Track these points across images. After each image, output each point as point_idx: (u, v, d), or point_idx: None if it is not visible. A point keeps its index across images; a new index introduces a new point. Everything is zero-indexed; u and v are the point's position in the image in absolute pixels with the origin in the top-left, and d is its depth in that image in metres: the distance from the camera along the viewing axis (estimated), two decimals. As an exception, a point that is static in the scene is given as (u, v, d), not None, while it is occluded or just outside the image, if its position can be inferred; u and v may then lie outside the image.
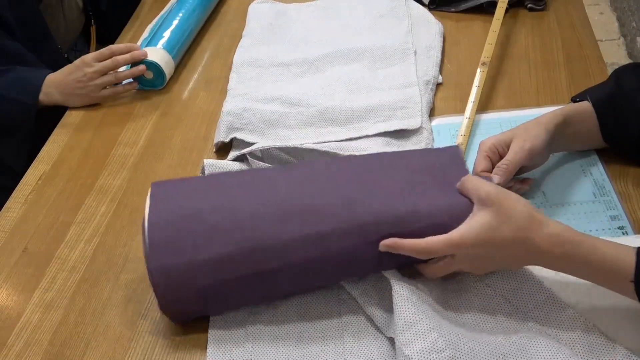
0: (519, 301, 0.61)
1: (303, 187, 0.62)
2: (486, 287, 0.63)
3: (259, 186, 0.63)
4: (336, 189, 0.62)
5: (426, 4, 1.09)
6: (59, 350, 0.65)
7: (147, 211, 0.61)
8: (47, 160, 0.88)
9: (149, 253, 0.59)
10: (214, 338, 0.63)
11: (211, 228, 0.59)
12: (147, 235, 0.59)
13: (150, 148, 0.89)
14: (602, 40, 1.07)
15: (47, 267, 0.73)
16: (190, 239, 0.59)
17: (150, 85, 0.99)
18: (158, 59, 0.96)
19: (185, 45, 1.05)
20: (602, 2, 1.24)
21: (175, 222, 0.60)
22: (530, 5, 1.06)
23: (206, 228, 0.59)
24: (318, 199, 0.61)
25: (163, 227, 0.60)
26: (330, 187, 0.62)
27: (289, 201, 0.61)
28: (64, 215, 0.80)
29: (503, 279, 0.62)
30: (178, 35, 1.02)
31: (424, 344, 0.54)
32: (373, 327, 0.62)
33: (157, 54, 0.97)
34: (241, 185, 0.64)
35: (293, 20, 1.10)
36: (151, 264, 0.59)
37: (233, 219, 0.60)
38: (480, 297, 0.62)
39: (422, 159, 0.67)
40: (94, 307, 0.68)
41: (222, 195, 0.62)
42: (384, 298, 0.62)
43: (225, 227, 0.59)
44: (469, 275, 0.63)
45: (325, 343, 0.62)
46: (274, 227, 0.59)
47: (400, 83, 0.91)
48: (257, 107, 0.88)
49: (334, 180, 0.63)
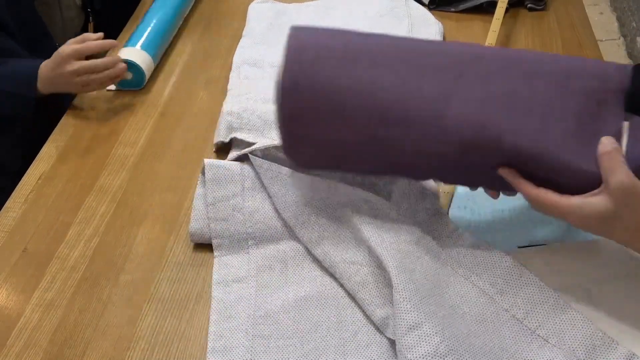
0: (521, 304, 0.61)
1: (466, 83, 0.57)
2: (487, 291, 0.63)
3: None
4: (490, 102, 0.56)
5: (426, 4, 1.09)
6: (59, 350, 0.65)
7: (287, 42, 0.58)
8: (47, 160, 0.88)
9: (286, 63, 0.57)
10: (214, 338, 0.63)
11: (352, 60, 0.57)
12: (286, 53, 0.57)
13: (150, 148, 0.89)
14: (602, 40, 1.07)
15: (47, 267, 0.73)
16: (329, 64, 0.57)
17: (129, 86, 0.99)
18: (136, 59, 0.96)
19: (165, 43, 1.05)
20: (602, 2, 1.23)
21: (318, 49, 0.58)
22: (530, 5, 1.06)
23: (347, 61, 0.57)
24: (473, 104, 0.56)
25: (304, 47, 0.58)
26: (487, 96, 0.57)
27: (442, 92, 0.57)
28: (64, 215, 0.80)
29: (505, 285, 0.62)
30: (156, 34, 1.02)
31: (427, 348, 0.54)
32: (373, 327, 0.62)
33: (135, 54, 0.97)
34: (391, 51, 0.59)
35: (293, 20, 1.10)
36: (286, 75, 0.57)
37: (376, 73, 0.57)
38: (480, 299, 0.62)
39: (583, 72, 0.57)
40: (94, 307, 0.68)
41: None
42: (382, 296, 0.62)
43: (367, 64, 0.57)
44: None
45: (325, 343, 0.62)
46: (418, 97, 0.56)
47: (400, 83, 0.91)
48: (257, 107, 0.88)
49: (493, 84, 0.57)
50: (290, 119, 0.61)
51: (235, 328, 0.64)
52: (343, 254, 0.66)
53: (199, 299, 0.68)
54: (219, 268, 0.70)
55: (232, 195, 0.74)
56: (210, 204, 0.73)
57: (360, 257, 0.66)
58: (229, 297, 0.67)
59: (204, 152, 0.86)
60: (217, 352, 0.62)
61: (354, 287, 0.64)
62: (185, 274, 0.71)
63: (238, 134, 0.84)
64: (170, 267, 0.72)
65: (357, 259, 0.66)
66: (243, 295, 0.67)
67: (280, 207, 0.71)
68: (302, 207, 0.70)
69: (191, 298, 0.68)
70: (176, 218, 0.77)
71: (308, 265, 0.69)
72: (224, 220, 0.72)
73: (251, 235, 0.72)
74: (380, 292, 0.63)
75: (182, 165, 0.85)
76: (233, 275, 0.69)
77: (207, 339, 0.63)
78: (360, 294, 0.63)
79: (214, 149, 0.86)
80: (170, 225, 0.77)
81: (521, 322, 0.60)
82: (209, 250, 0.72)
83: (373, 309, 0.62)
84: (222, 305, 0.66)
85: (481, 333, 0.59)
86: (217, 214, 0.73)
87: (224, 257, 0.71)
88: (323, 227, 0.69)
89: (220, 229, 0.72)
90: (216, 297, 0.67)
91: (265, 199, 0.74)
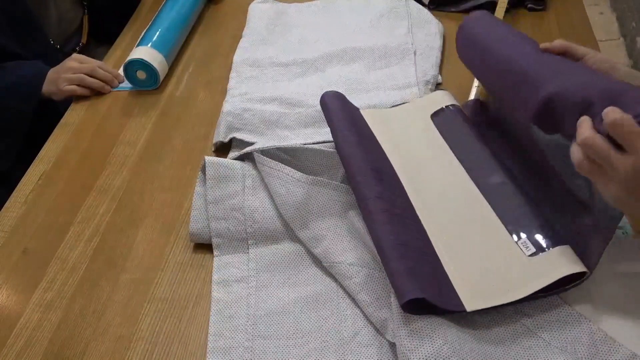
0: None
1: None
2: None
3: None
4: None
5: (426, 4, 1.09)
6: (59, 350, 0.65)
7: None
8: (47, 160, 0.88)
9: None
10: (214, 338, 0.63)
11: None
12: None
13: (150, 148, 0.89)
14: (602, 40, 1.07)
15: (47, 267, 0.73)
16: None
17: (144, 86, 0.99)
18: (151, 59, 0.96)
19: (178, 43, 1.05)
20: (602, 2, 1.24)
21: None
22: (530, 5, 1.06)
23: None
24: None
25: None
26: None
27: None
28: (64, 215, 0.80)
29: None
30: (170, 34, 1.02)
31: (429, 350, 0.54)
32: (373, 327, 0.62)
33: (149, 54, 0.97)
34: None
35: (293, 20, 1.10)
36: None
37: None
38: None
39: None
40: (94, 307, 0.68)
41: None
42: (382, 298, 0.62)
43: None
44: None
45: (325, 343, 0.61)
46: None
47: (400, 83, 0.91)
48: (256, 107, 0.88)
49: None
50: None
51: (235, 328, 0.64)
52: (343, 255, 0.66)
53: (199, 299, 0.68)
54: (219, 268, 0.70)
55: (233, 194, 0.74)
56: (210, 203, 0.73)
57: (361, 258, 0.66)
58: (229, 297, 0.67)
59: (204, 152, 0.86)
60: (217, 352, 0.62)
61: (354, 289, 0.64)
62: (185, 274, 0.71)
63: (238, 134, 0.84)
64: (170, 267, 0.72)
65: (357, 260, 0.66)
66: (243, 295, 0.67)
67: (281, 207, 0.71)
68: (303, 207, 0.70)
69: (191, 298, 0.68)
70: (176, 218, 0.77)
71: (308, 265, 0.69)
72: (224, 220, 0.72)
73: (251, 235, 0.72)
74: (379, 294, 0.63)
75: (182, 165, 0.85)
76: (233, 275, 0.69)
77: (207, 339, 0.63)
78: (360, 295, 0.63)
79: (213, 149, 0.86)
80: (170, 225, 0.77)
81: (523, 323, 0.60)
82: (209, 251, 0.72)
83: (372, 311, 0.62)
84: (222, 305, 0.66)
85: (482, 335, 0.59)
86: (217, 212, 0.73)
87: (223, 257, 0.71)
88: (323, 228, 0.69)
89: (220, 228, 0.72)
90: (216, 297, 0.67)
91: (266, 199, 0.74)
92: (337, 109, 0.76)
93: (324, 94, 0.79)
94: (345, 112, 0.77)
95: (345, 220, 0.70)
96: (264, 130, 0.84)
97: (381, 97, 0.88)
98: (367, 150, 0.71)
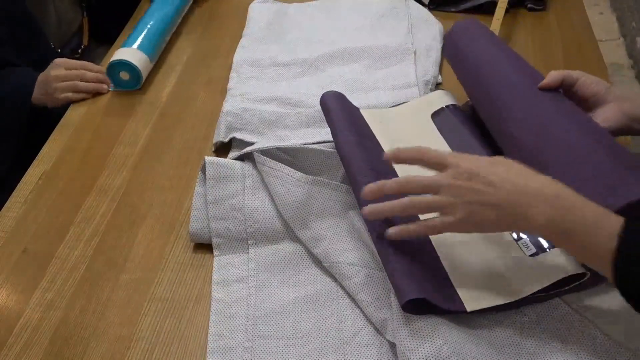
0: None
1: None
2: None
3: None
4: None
5: (426, 4, 1.09)
6: (59, 350, 0.65)
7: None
8: (47, 160, 0.88)
9: None
10: (214, 338, 0.63)
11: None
12: None
13: (150, 148, 0.89)
14: (602, 40, 1.07)
15: (47, 267, 0.73)
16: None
17: (126, 86, 0.99)
18: (134, 59, 0.96)
19: (162, 43, 1.05)
20: (602, 2, 1.24)
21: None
22: (530, 5, 1.06)
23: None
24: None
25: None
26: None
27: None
28: (64, 215, 0.80)
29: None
30: (153, 34, 1.02)
31: (429, 350, 0.54)
32: (373, 327, 0.62)
33: (132, 55, 0.97)
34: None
35: (293, 20, 1.10)
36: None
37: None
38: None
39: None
40: (94, 307, 0.68)
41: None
42: (382, 298, 0.62)
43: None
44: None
45: (325, 343, 0.61)
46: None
47: (400, 83, 0.91)
48: (256, 108, 0.88)
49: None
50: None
51: (235, 328, 0.64)
52: (343, 255, 0.66)
53: (198, 299, 0.68)
54: (219, 268, 0.70)
55: (233, 194, 0.74)
56: (210, 202, 0.73)
57: (361, 258, 0.66)
58: (229, 297, 0.67)
59: (204, 152, 0.86)
60: (217, 352, 0.62)
61: (354, 289, 0.64)
62: (185, 274, 0.71)
63: (238, 134, 0.84)
64: (170, 267, 0.72)
65: (357, 260, 0.66)
66: (243, 295, 0.67)
67: (281, 207, 0.71)
68: (303, 207, 0.70)
69: (191, 298, 0.68)
70: (176, 218, 0.77)
71: (308, 265, 0.69)
72: (224, 219, 0.72)
73: (251, 235, 0.72)
74: (379, 294, 0.63)
75: (182, 165, 0.85)
76: (233, 275, 0.69)
77: (207, 339, 0.63)
78: (360, 295, 0.63)
79: (213, 149, 0.86)
80: (170, 225, 0.77)
81: (523, 324, 0.60)
82: (209, 251, 0.72)
83: (372, 311, 0.62)
84: (222, 305, 0.66)
85: (483, 336, 0.59)
86: (217, 212, 0.73)
87: (223, 257, 0.71)
88: (323, 228, 0.69)
89: (220, 228, 0.72)
90: (216, 297, 0.67)
91: (266, 199, 0.74)
92: (337, 109, 0.76)
93: (324, 94, 0.79)
94: (346, 112, 0.77)
95: (345, 220, 0.70)
96: (264, 130, 0.84)
97: (381, 97, 0.88)
98: (367, 150, 0.71)
